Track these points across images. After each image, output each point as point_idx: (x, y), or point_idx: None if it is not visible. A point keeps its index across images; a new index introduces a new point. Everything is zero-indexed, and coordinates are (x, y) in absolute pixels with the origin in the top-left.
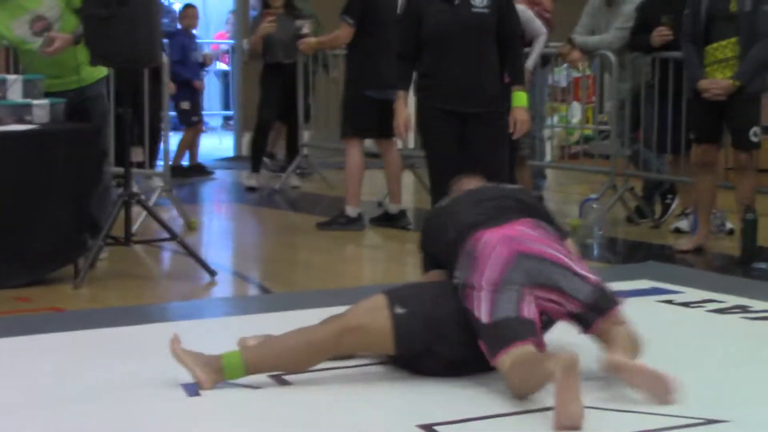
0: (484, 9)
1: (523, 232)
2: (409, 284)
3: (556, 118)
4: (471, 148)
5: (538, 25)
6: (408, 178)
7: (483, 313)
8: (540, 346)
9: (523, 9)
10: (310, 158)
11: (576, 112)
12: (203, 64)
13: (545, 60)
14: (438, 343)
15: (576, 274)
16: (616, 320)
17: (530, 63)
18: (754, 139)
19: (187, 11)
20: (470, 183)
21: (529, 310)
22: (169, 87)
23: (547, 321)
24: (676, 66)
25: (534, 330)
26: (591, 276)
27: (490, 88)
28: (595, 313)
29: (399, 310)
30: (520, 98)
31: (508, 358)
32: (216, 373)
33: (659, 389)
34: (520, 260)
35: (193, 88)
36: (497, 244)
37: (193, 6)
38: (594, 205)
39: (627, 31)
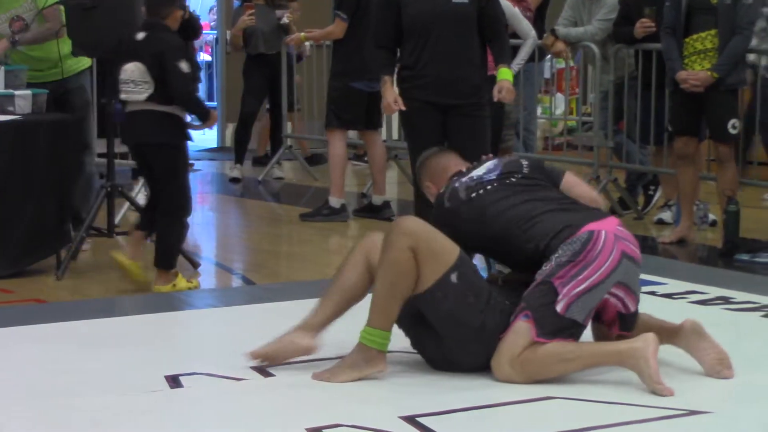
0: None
1: (624, 231)
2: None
3: (539, 110)
4: (453, 140)
5: (526, 26)
6: (392, 170)
7: (562, 303)
8: None
9: (508, 5)
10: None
11: (560, 103)
12: None
13: (541, 53)
14: (452, 340)
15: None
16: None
17: (515, 67)
18: (732, 131)
19: None
20: (456, 163)
21: (590, 317)
22: None
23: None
24: (659, 58)
25: (579, 338)
26: None
27: (471, 79)
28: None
29: (453, 278)
30: (505, 73)
31: (545, 345)
32: (377, 358)
33: (723, 364)
34: (623, 261)
35: None
36: (613, 245)
37: None
38: None
39: (610, 23)
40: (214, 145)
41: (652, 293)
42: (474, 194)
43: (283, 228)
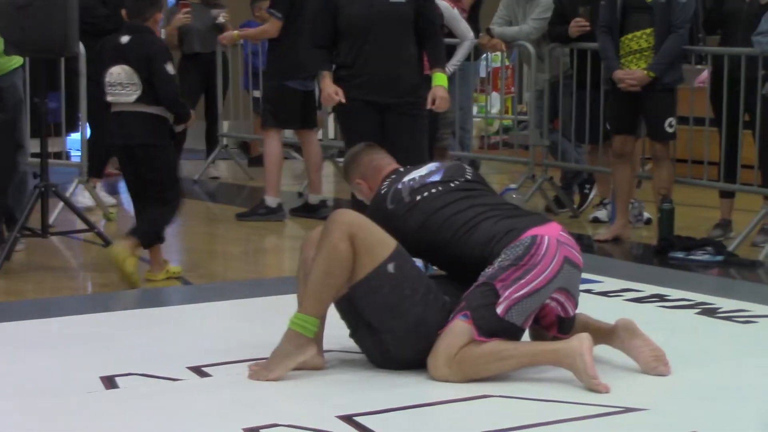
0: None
1: (566, 237)
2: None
3: (475, 109)
4: (391, 139)
5: (464, 27)
6: (328, 169)
7: (502, 306)
8: None
9: (446, 6)
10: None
11: (495, 102)
12: None
13: (476, 52)
14: (389, 334)
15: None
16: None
17: (450, 68)
18: (669, 129)
19: None
20: (389, 162)
21: (530, 321)
22: None
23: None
24: (594, 57)
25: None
26: None
27: (408, 78)
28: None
29: (390, 268)
30: (440, 78)
31: (482, 344)
32: (307, 345)
33: (659, 360)
34: (565, 267)
35: None
36: (556, 251)
37: None
38: (513, 195)
39: (545, 22)
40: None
41: (588, 291)
42: (419, 197)
43: (219, 227)
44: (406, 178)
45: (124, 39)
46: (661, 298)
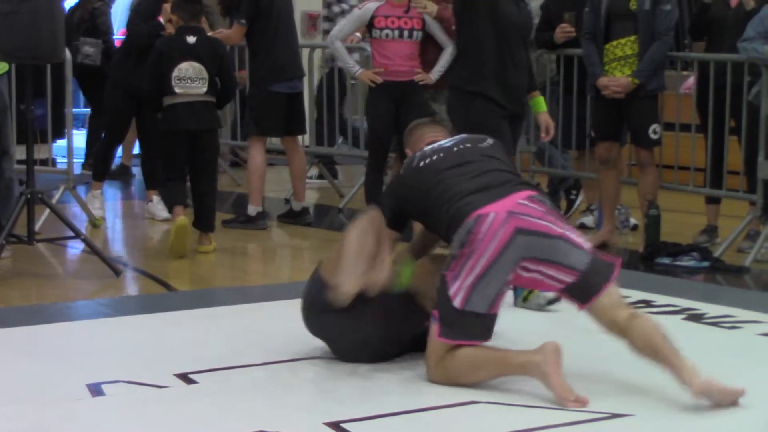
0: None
1: (525, 206)
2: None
3: None
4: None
5: (442, 36)
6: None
7: (459, 298)
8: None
9: (430, 20)
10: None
11: None
12: None
13: None
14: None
15: (574, 244)
16: (627, 307)
17: (435, 75)
18: (653, 136)
19: None
20: (435, 134)
21: (499, 306)
22: None
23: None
24: (581, 63)
25: (491, 329)
26: (585, 244)
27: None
28: (592, 284)
29: None
30: (541, 103)
31: (459, 350)
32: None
33: (730, 401)
34: (517, 237)
35: None
36: (501, 226)
37: None
38: None
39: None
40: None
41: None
42: (422, 163)
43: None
44: (431, 146)
45: (191, 39)
46: (647, 303)
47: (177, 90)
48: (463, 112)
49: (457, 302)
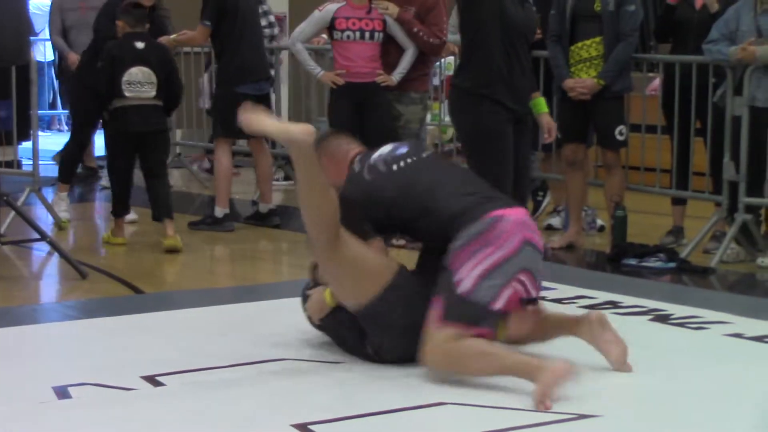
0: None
1: (529, 221)
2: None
3: (429, 116)
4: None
5: (403, 38)
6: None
7: (464, 285)
8: (490, 337)
9: (391, 22)
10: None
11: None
12: None
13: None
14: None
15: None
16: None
17: (396, 76)
18: (619, 137)
19: None
20: (354, 145)
21: (503, 302)
22: None
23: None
24: (547, 65)
25: (495, 323)
26: None
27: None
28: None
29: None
30: (543, 104)
31: (459, 337)
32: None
33: (622, 356)
34: (526, 247)
35: None
36: (515, 232)
37: None
38: None
39: None
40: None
41: (542, 298)
42: (395, 166)
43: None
44: (375, 155)
45: (140, 45)
46: (614, 304)
47: (127, 94)
48: (471, 115)
49: (461, 289)
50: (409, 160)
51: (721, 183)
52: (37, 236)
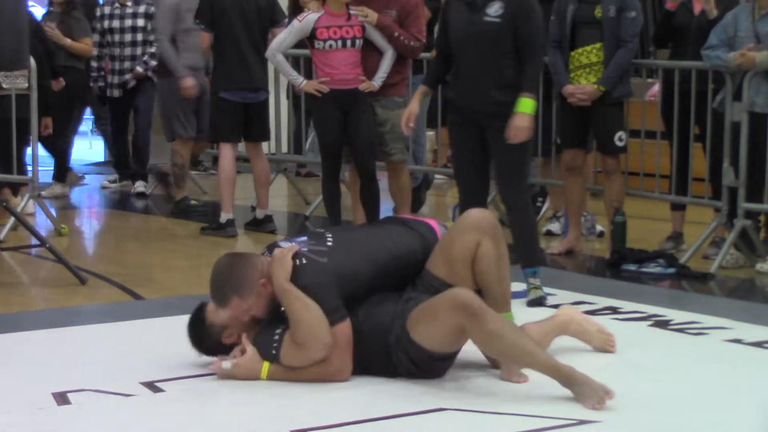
0: (496, 18)
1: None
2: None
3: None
4: (493, 156)
5: (382, 42)
6: (281, 182)
7: None
8: None
9: (370, 27)
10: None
11: None
12: None
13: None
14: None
15: None
16: None
17: (378, 81)
18: (619, 143)
19: None
20: (258, 259)
21: None
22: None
23: None
24: (547, 71)
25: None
26: None
27: (499, 97)
28: None
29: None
30: (524, 105)
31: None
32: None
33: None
34: None
35: None
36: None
37: None
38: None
39: None
40: (102, 159)
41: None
42: (329, 243)
43: (171, 242)
44: (302, 250)
45: None
46: (613, 310)
47: None
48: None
49: None
50: (328, 235)
51: (720, 188)
52: (36, 242)
